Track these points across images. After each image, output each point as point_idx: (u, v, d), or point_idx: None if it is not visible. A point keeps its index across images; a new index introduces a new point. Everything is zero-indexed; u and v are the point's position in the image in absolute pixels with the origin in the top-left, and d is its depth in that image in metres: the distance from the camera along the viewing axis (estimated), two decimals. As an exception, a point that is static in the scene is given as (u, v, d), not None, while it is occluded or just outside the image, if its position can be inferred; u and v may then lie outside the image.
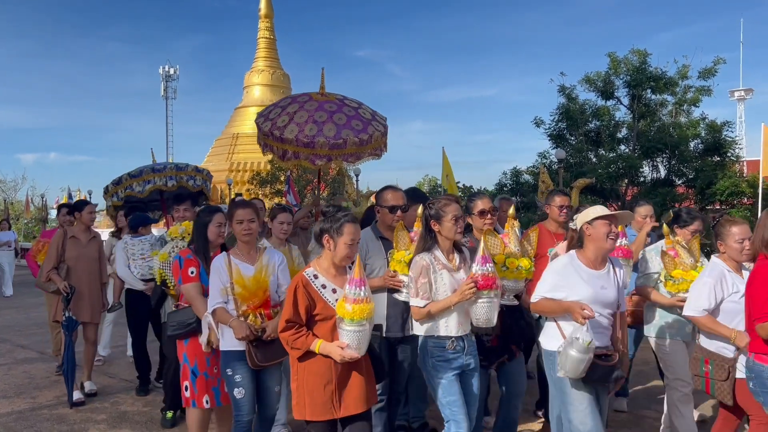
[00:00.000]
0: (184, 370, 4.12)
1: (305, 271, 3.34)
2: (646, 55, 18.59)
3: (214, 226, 4.20)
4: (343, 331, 3.10)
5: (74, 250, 5.93)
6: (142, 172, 6.91)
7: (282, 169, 24.78)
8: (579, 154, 19.06)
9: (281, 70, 40.30)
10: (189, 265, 4.10)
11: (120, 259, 6.14)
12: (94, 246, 6.14)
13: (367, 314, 3.06)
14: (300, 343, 3.20)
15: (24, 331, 9.82)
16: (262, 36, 39.96)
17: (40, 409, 5.69)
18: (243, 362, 3.71)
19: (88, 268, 6.00)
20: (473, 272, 3.41)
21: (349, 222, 3.27)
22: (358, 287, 3.06)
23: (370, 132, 6.04)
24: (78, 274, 5.88)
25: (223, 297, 3.75)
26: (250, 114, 38.42)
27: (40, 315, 11.57)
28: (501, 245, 3.94)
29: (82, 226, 6.10)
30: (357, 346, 3.12)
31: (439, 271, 3.53)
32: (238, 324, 3.65)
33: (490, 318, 3.44)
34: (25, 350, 8.34)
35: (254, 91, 39.31)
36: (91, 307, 5.99)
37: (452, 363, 3.53)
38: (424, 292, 3.48)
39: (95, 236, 6.21)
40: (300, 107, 6.09)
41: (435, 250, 3.58)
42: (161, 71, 48.73)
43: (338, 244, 3.25)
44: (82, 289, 5.88)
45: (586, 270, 3.49)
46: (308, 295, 3.23)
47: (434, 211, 3.59)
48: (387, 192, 4.34)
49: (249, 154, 35.33)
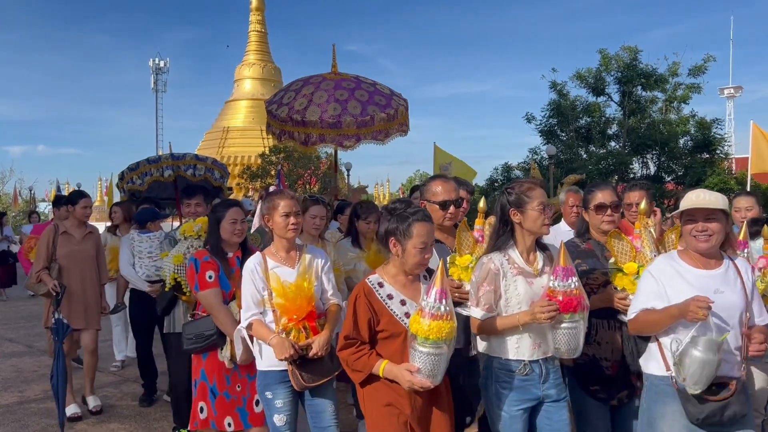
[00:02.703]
0: (202, 388, 3.60)
1: (369, 279, 2.78)
2: (636, 52, 18.70)
3: (227, 223, 3.63)
4: (416, 351, 2.54)
5: (66, 247, 5.22)
6: (139, 165, 6.67)
7: (272, 163, 24.69)
8: (569, 150, 19.16)
9: (272, 63, 40.09)
10: (206, 269, 3.56)
11: (124, 256, 5.57)
12: (90, 243, 5.39)
13: (447, 334, 2.48)
14: (361, 364, 2.67)
15: (11, 325, 9.73)
16: (254, 29, 39.72)
17: (28, 403, 5.63)
18: (285, 384, 3.16)
19: (82, 267, 5.26)
20: (550, 288, 2.64)
21: (420, 221, 2.69)
22: (439, 300, 2.50)
23: (395, 106, 5.70)
24: (71, 274, 5.17)
25: (259, 307, 3.18)
26: (240, 107, 38.24)
27: (28, 308, 11.48)
28: (631, 250, 3.03)
29: (76, 221, 5.35)
30: (430, 373, 2.54)
31: (513, 276, 2.79)
32: (280, 342, 3.06)
33: (574, 347, 2.68)
34: (12, 344, 8.27)
35: (245, 84, 39.09)
36: (85, 311, 5.25)
37: (522, 393, 2.77)
38: (487, 302, 2.78)
39: (92, 231, 5.44)
40: (316, 88, 5.70)
41: (510, 250, 2.83)
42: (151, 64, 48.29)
43: (407, 248, 2.69)
44: (75, 290, 5.16)
45: (693, 270, 2.70)
46: (371, 306, 2.70)
47: (514, 196, 2.83)
48: (436, 183, 3.46)
49: (239, 147, 35.15)
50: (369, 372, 2.67)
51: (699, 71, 18.47)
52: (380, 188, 44.65)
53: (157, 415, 5.30)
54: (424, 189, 3.49)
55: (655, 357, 2.75)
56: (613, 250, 3.01)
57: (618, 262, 3.00)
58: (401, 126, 5.79)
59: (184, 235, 4.30)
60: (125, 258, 5.55)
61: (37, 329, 9.19)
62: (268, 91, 38.91)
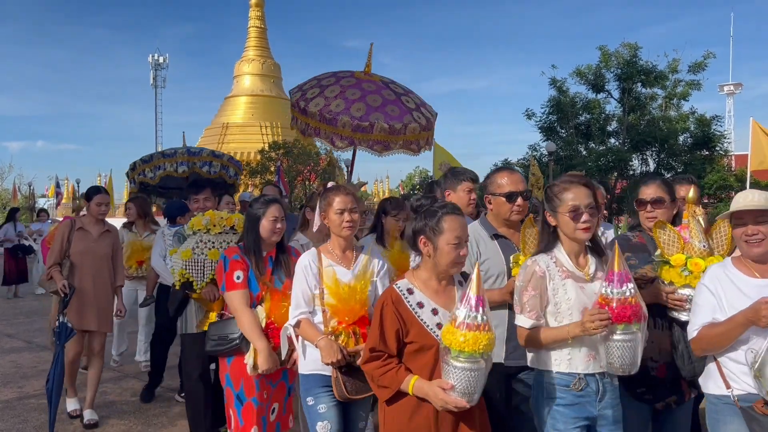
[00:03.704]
0: (228, 395, 3.39)
1: (396, 285, 2.54)
2: (636, 49, 18.70)
3: (268, 221, 3.39)
4: (450, 367, 2.26)
5: (81, 243, 4.92)
6: (153, 158, 6.57)
7: (272, 159, 24.67)
8: (569, 146, 19.16)
9: (272, 59, 40.02)
10: (235, 268, 3.32)
11: (157, 249, 5.33)
12: (107, 241, 5.08)
13: (485, 346, 2.20)
14: (388, 378, 2.42)
15: (11, 321, 9.73)
16: (253, 25, 39.64)
17: (27, 398, 5.62)
18: (328, 389, 2.95)
19: (95, 266, 4.96)
20: (602, 295, 2.36)
21: (450, 214, 2.46)
22: (475, 309, 2.22)
23: (406, 122, 5.23)
24: (83, 273, 4.88)
25: (309, 306, 2.98)
26: (240, 103, 38.19)
27: (28, 304, 11.50)
28: (679, 241, 2.82)
29: (92, 218, 5.05)
30: (466, 390, 2.25)
31: (562, 280, 2.53)
32: (328, 345, 2.84)
33: (629, 362, 2.37)
34: (12, 339, 8.26)
35: (244, 80, 39.03)
36: (97, 313, 4.94)
37: (578, 410, 2.50)
38: (533, 308, 2.52)
39: (109, 230, 5.13)
40: (336, 81, 5.43)
41: (557, 252, 2.60)
42: (150, 59, 48.27)
43: (439, 246, 2.43)
44: (87, 290, 4.85)
45: (747, 280, 2.47)
46: (399, 316, 2.44)
47: (549, 196, 2.60)
48: (501, 175, 3.19)
49: (239, 144, 35.10)
50: (397, 388, 2.42)
51: (699, 68, 18.47)
52: (379, 185, 44.63)
53: (156, 411, 5.29)
54: (488, 182, 3.24)
55: (713, 376, 2.54)
56: (658, 242, 2.78)
57: (664, 253, 2.81)
58: (408, 144, 5.39)
59: (193, 230, 4.12)
60: (158, 251, 5.30)
61: (37, 325, 9.19)
62: (268, 87, 38.92)
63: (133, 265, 6.15)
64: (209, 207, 4.56)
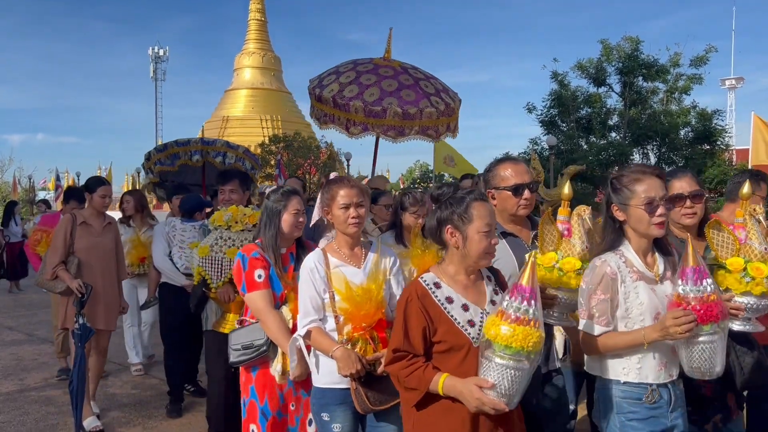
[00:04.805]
0: (251, 409, 3.08)
1: (422, 278, 2.32)
2: (638, 43, 18.63)
3: (290, 215, 3.11)
4: (491, 363, 2.04)
5: (86, 239, 4.66)
6: (167, 146, 6.46)
7: (272, 152, 24.66)
8: (570, 140, 19.13)
9: (272, 52, 39.96)
10: (255, 267, 3.01)
11: (158, 246, 5.04)
12: (110, 234, 4.85)
13: (534, 345, 2.00)
14: (415, 379, 2.18)
15: (11, 313, 9.74)
16: (253, 18, 39.55)
17: (28, 391, 5.65)
18: (345, 405, 2.69)
19: (102, 262, 4.73)
20: (678, 294, 2.15)
21: (479, 200, 2.26)
22: (528, 300, 2.02)
23: (422, 107, 4.95)
24: (92, 270, 4.63)
25: (319, 312, 2.73)
26: (240, 96, 38.14)
27: (28, 297, 11.49)
28: (733, 242, 2.50)
29: (94, 211, 4.79)
30: (507, 392, 2.03)
31: (633, 282, 2.30)
32: (345, 355, 2.58)
33: (711, 366, 2.19)
34: (12, 332, 8.28)
35: (245, 73, 38.97)
36: (106, 312, 4.75)
37: (651, 424, 2.29)
38: (603, 313, 2.29)
39: (110, 222, 4.90)
40: (352, 68, 5.28)
41: (625, 250, 2.36)
42: (150, 52, 48.12)
43: (468, 235, 2.22)
44: (96, 287, 4.57)
45: None
46: (426, 312, 2.22)
47: (618, 188, 2.36)
48: (504, 166, 2.88)
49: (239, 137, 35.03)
50: (426, 389, 2.17)
51: (700, 62, 18.41)
52: (380, 179, 44.60)
53: (156, 404, 5.30)
54: (489, 176, 2.93)
55: None
56: (712, 243, 2.50)
57: (719, 257, 2.52)
58: (425, 129, 5.15)
59: (214, 225, 3.85)
60: (160, 249, 5.02)
61: (37, 318, 9.21)
62: (268, 80, 38.88)
63: (135, 261, 5.89)
64: (235, 200, 4.20)
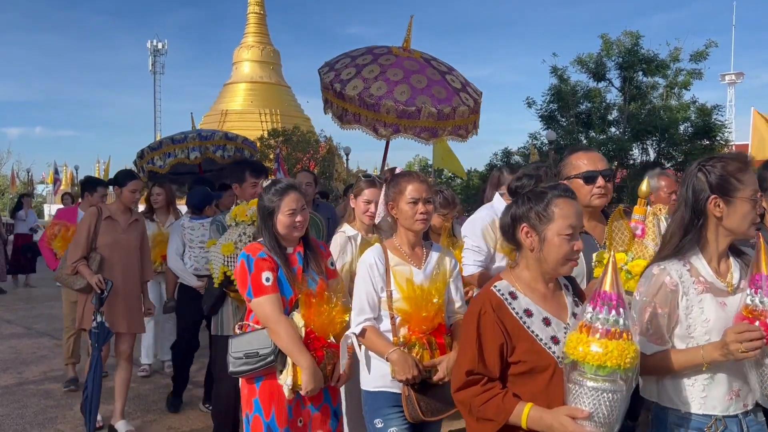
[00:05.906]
0: (255, 424, 2.76)
1: (496, 287, 1.97)
2: (638, 37, 18.58)
3: (284, 215, 2.80)
4: (581, 388, 1.71)
5: (110, 235, 4.39)
6: (162, 144, 6.22)
7: (271, 146, 24.59)
8: (570, 135, 19.10)
9: (271, 46, 39.82)
10: (262, 268, 2.74)
11: (172, 245, 4.90)
12: (136, 232, 4.57)
13: (631, 361, 1.68)
14: (493, 409, 1.84)
15: (10, 306, 9.75)
16: (252, 11, 39.40)
17: (27, 384, 5.64)
18: (399, 410, 2.53)
19: (125, 261, 4.45)
20: (746, 305, 1.83)
21: (563, 197, 1.92)
22: (616, 309, 1.69)
23: (455, 105, 4.72)
24: (113, 268, 4.37)
25: (375, 311, 2.58)
26: (239, 90, 38.03)
27: (27, 291, 11.50)
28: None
29: (122, 206, 4.51)
30: (606, 420, 1.71)
31: (698, 295, 1.93)
32: (402, 358, 2.43)
33: None
34: (11, 325, 8.27)
35: (243, 67, 38.85)
36: (128, 313, 4.45)
37: None
38: (657, 330, 1.94)
39: (137, 219, 4.64)
40: (373, 60, 4.89)
41: (693, 257, 1.98)
42: (149, 45, 48.13)
43: (547, 237, 1.89)
44: (118, 286, 4.32)
45: None
46: (503, 327, 1.89)
47: (719, 177, 1.94)
48: (577, 156, 2.67)
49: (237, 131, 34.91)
50: (505, 421, 1.83)
51: (700, 57, 18.37)
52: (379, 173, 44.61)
53: (155, 397, 5.31)
54: (562, 165, 2.74)
55: None
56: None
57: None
58: (457, 129, 4.92)
59: (236, 220, 3.60)
60: (174, 248, 4.89)
61: (36, 311, 9.22)
62: (267, 74, 38.77)
63: (158, 259, 5.52)
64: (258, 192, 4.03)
